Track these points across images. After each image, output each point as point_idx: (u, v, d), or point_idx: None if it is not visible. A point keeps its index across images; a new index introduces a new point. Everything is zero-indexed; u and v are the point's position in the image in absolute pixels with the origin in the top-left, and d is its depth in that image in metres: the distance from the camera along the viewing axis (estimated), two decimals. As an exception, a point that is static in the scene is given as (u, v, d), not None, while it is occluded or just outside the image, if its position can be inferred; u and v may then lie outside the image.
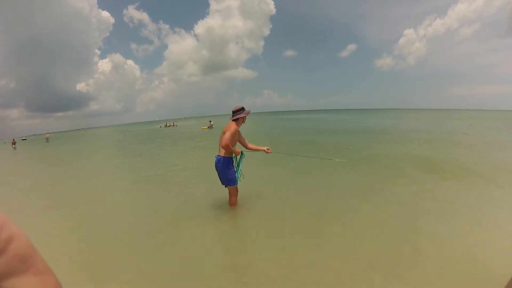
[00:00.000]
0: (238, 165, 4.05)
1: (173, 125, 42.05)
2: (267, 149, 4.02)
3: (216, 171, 3.92)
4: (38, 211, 4.87)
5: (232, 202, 4.11)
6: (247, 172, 4.29)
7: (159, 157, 10.65)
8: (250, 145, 4.09)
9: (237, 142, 4.00)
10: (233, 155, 3.91)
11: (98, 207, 4.95)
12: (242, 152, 4.00)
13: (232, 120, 3.88)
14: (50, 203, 5.33)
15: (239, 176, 4.04)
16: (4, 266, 0.37)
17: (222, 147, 3.75)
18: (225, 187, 4.01)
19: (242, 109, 3.93)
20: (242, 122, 3.95)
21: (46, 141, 33.38)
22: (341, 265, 2.61)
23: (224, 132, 3.79)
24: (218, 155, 3.84)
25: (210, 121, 29.53)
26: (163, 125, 43.16)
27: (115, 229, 3.90)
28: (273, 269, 2.61)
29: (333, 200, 4.46)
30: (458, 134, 13.40)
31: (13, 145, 28.58)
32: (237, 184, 3.96)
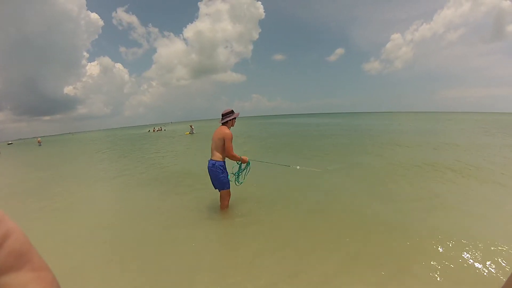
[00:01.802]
0: (239, 170, 3.95)
1: (161, 130, 41.63)
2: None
3: (209, 175, 3.81)
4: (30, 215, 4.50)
5: (224, 205, 3.99)
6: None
7: (147, 160, 10.16)
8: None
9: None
10: (239, 162, 3.87)
11: (94, 210, 4.77)
12: (249, 162, 3.92)
13: (222, 123, 3.77)
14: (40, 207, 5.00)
15: (240, 180, 3.96)
16: (0, 262, 0.35)
17: (229, 158, 3.73)
18: (219, 191, 3.90)
19: (232, 112, 3.82)
20: (231, 125, 3.85)
21: (39, 145, 31.88)
22: (335, 273, 2.50)
23: (219, 138, 3.66)
24: (212, 160, 3.72)
25: (191, 126, 28.46)
26: (151, 130, 42.46)
27: (106, 233, 3.75)
28: (261, 278, 2.47)
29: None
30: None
31: None
32: (230, 187, 3.85)
